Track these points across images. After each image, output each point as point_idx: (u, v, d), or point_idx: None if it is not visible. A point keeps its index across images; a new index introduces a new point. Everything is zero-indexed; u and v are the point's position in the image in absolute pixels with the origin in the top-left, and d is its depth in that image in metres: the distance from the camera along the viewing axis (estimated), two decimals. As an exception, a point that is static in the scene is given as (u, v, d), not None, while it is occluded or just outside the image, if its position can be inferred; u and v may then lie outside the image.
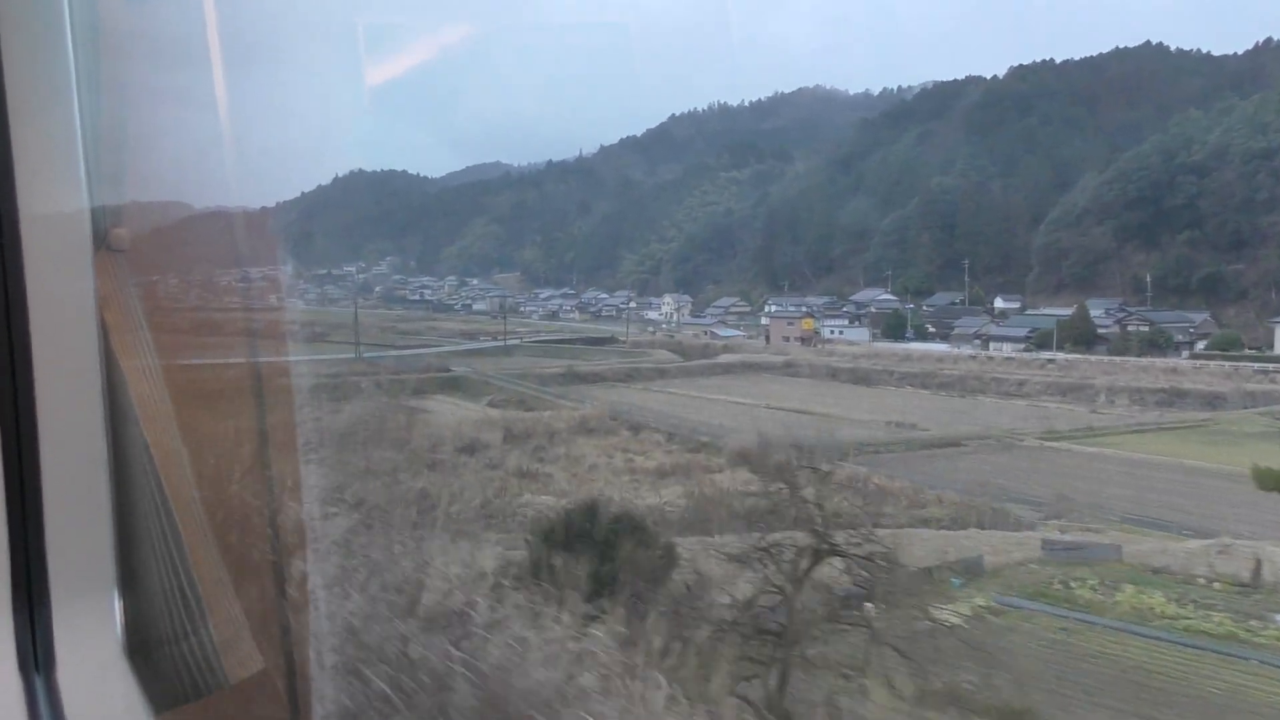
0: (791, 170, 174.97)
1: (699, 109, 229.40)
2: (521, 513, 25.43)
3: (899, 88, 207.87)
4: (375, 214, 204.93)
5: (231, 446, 2.74)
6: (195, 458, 2.05)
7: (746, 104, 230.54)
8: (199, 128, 2.57)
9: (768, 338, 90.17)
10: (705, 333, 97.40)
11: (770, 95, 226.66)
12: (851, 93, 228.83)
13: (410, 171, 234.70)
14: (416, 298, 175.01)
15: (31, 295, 1.61)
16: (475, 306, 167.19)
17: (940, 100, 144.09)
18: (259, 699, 2.30)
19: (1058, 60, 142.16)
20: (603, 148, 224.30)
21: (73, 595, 1.67)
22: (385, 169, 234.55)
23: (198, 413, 2.36)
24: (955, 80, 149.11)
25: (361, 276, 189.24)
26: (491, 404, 51.22)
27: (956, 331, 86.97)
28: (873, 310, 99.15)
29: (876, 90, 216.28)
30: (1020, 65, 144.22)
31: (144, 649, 1.81)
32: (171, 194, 2.66)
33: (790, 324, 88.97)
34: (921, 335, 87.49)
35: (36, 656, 1.63)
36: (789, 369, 68.96)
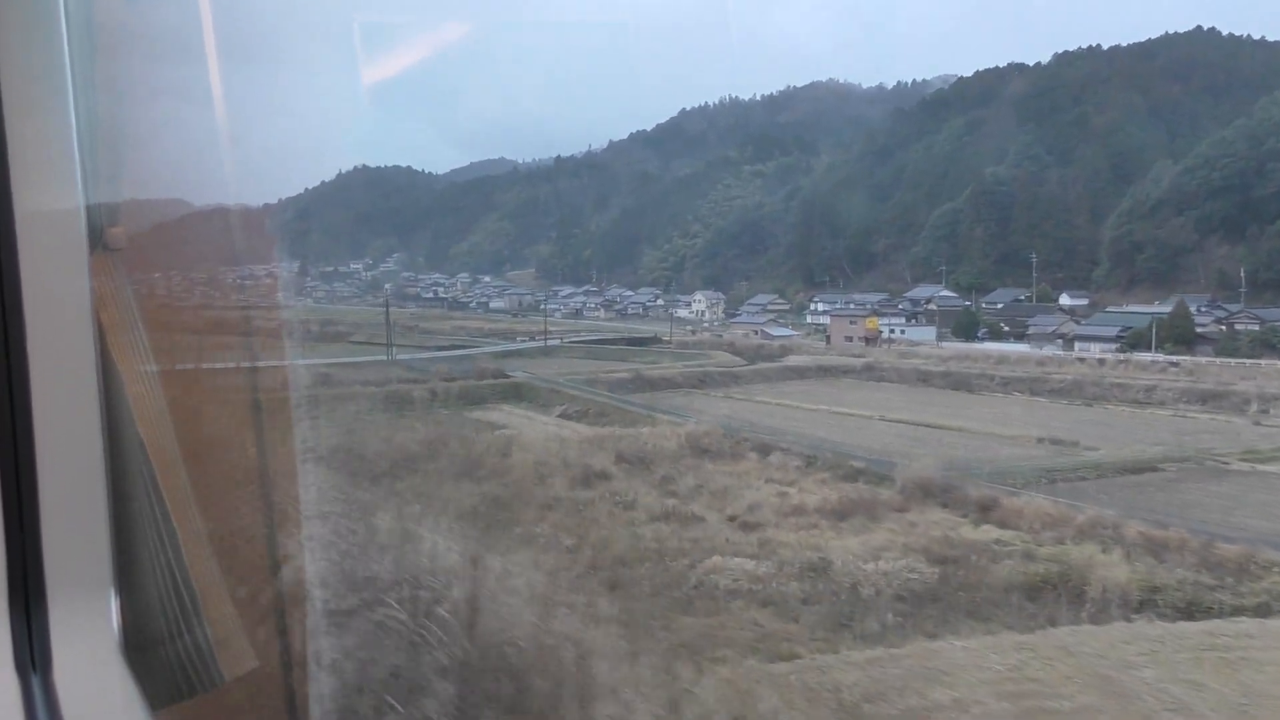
0: (818, 163, 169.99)
1: (709, 103, 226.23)
2: (717, 584, 18.97)
3: (913, 81, 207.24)
4: (380, 210, 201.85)
5: (227, 445, 2.69)
6: (191, 457, 2.03)
7: (758, 98, 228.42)
8: (196, 125, 2.50)
9: (828, 338, 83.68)
10: (756, 332, 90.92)
11: (782, 89, 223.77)
12: (865, 86, 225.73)
13: (415, 168, 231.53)
14: (430, 295, 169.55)
15: (27, 295, 1.62)
16: (493, 305, 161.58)
17: (983, 88, 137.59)
18: (255, 696, 2.28)
19: (1104, 46, 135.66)
20: (612, 143, 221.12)
21: (69, 594, 1.68)
22: (389, 165, 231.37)
23: (194, 412, 2.34)
24: (997, 68, 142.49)
25: (368, 274, 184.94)
26: (567, 415, 44.70)
27: (1032, 330, 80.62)
28: (933, 308, 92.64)
29: (890, 84, 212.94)
30: (1065, 52, 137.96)
31: (140, 647, 1.81)
32: (169, 192, 2.59)
33: (853, 323, 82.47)
34: (996, 334, 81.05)
35: (33, 655, 1.65)
36: (871, 373, 62.50)
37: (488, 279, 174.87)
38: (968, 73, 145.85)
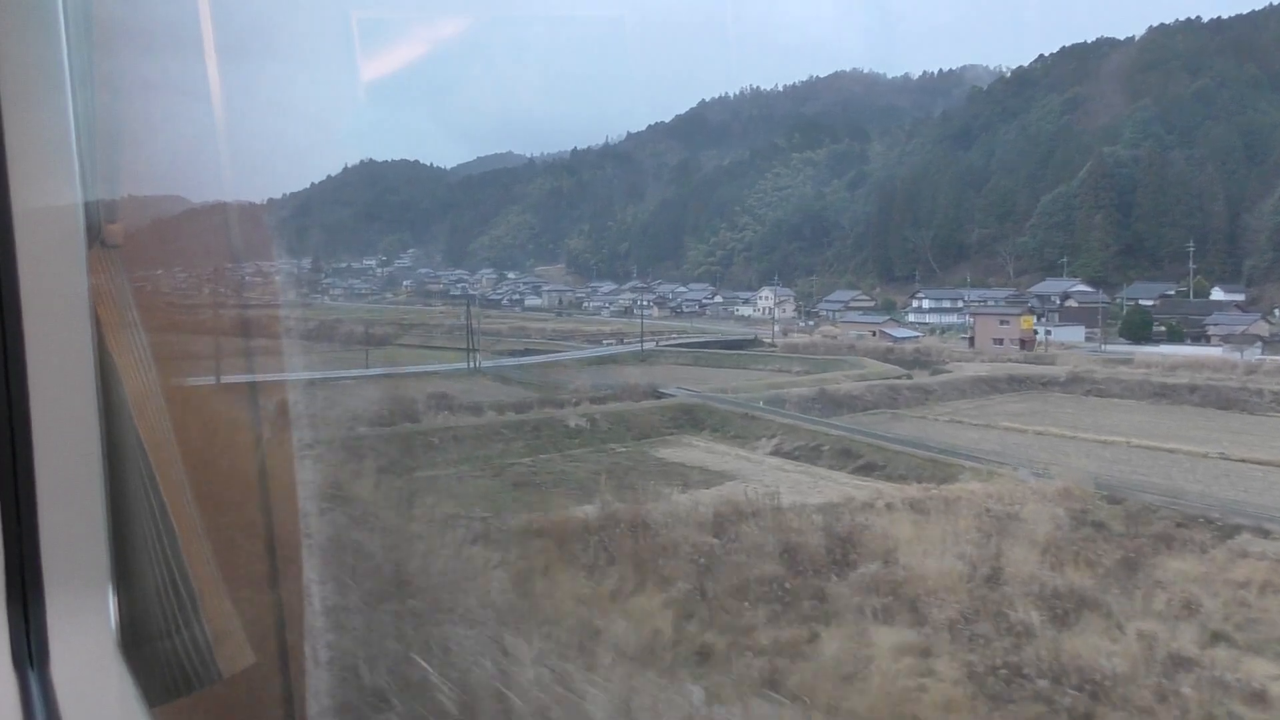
0: (873, 150, 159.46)
1: (730, 94, 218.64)
2: None
3: (939, 71, 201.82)
4: (389, 205, 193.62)
5: (226, 441, 2.67)
6: (189, 453, 2.04)
7: (780, 88, 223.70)
8: (196, 121, 2.50)
9: (971, 340, 71.50)
10: (873, 333, 78.72)
11: (805, 79, 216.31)
12: (890, 76, 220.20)
13: (423, 162, 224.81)
14: (458, 292, 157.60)
15: (25, 291, 1.62)
16: (528, 302, 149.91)
17: (1073, 65, 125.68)
18: (253, 692, 2.28)
19: (1204, 19, 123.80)
20: (630, 134, 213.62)
21: (66, 590, 1.69)
22: (395, 159, 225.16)
23: (192, 408, 2.35)
24: (1084, 43, 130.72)
25: (383, 270, 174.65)
26: (789, 454, 32.54)
27: (1214, 331, 68.68)
28: (1072, 304, 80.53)
29: (916, 74, 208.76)
30: (1161, 25, 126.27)
31: (138, 643, 1.81)
32: (168, 188, 2.59)
33: (1003, 323, 70.22)
34: (1175, 336, 68.95)
35: (30, 651, 1.65)
36: (1083, 386, 50.45)
37: (513, 275, 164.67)
38: (991, 63, 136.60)
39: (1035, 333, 69.52)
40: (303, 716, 2.86)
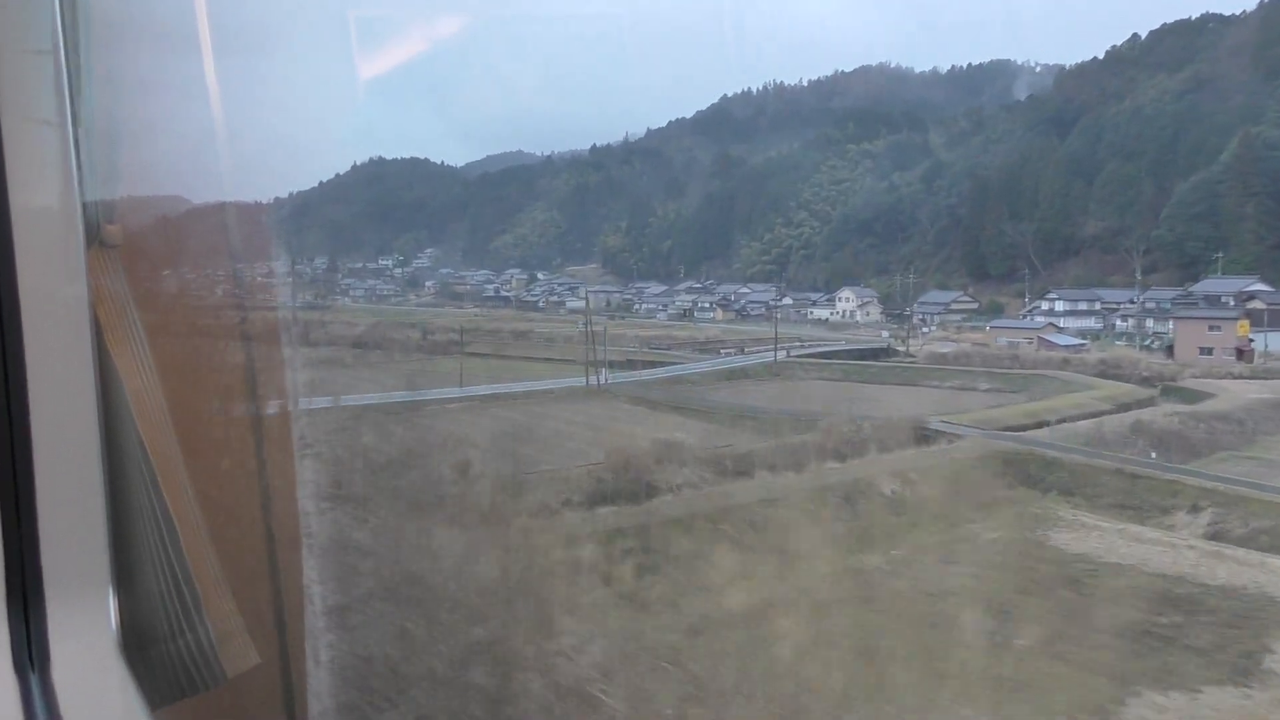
0: (934, 140, 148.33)
1: (753, 89, 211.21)
2: None
3: (969, 65, 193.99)
4: (401, 204, 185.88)
5: (227, 442, 2.67)
6: (189, 453, 2.03)
7: (805, 83, 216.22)
8: (196, 120, 2.47)
9: (1170, 349, 59.37)
10: (1030, 340, 66.71)
11: (830, 74, 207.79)
12: (918, 71, 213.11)
13: (433, 160, 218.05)
14: (491, 293, 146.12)
15: (24, 293, 1.61)
16: (569, 304, 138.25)
17: (1180, 43, 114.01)
18: (255, 694, 2.25)
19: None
20: (650, 130, 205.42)
21: (67, 592, 1.68)
22: (405, 157, 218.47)
23: (194, 409, 2.33)
24: (1188, 20, 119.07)
25: (400, 270, 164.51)
26: (1244, 540, 20.23)
27: None
28: (1258, 306, 68.35)
29: (945, 68, 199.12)
30: (1273, 1, 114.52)
31: (139, 646, 1.80)
32: (168, 188, 2.56)
33: (1213, 329, 58.10)
34: None
35: (31, 654, 1.64)
36: None
37: (543, 275, 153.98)
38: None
39: (1251, 340, 57.46)
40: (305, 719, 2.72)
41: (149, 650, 1.80)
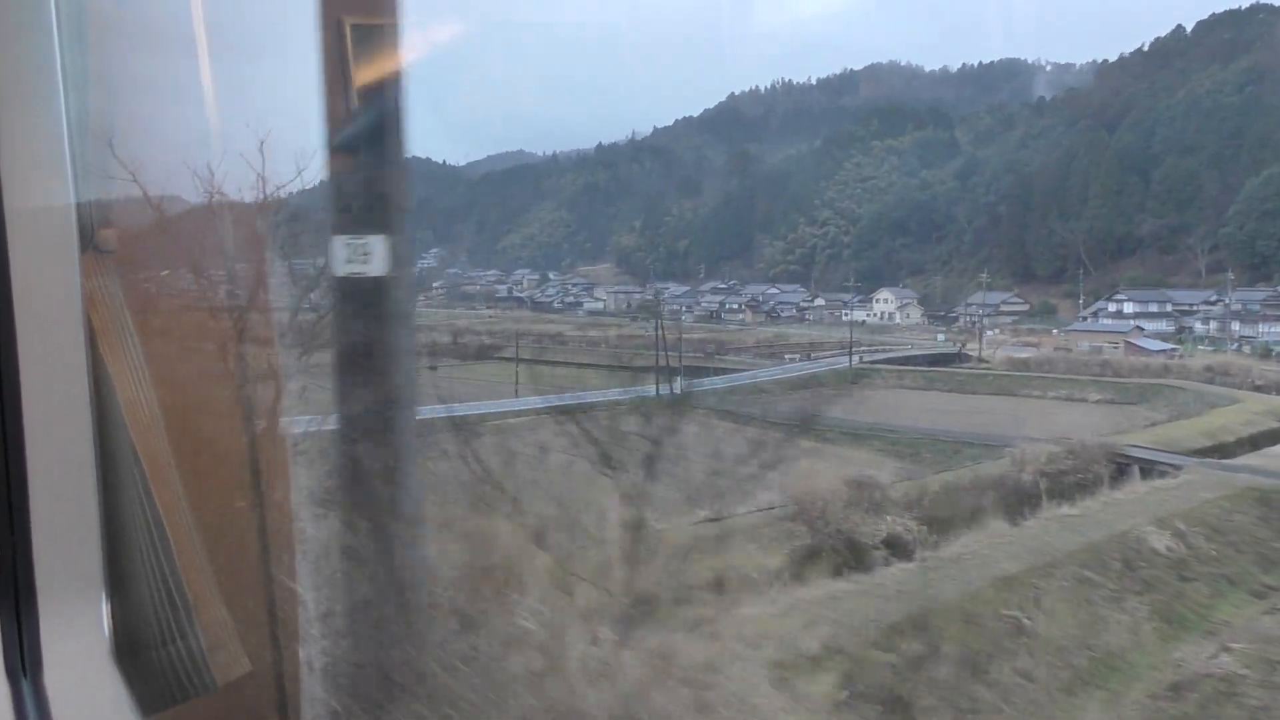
0: (962, 137, 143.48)
1: (760, 87, 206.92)
2: None
3: (979, 63, 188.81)
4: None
5: (220, 447, 2.64)
6: (182, 460, 2.02)
7: (813, 81, 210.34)
8: (193, 122, 2.42)
9: (1267, 353, 53.98)
10: (1118, 345, 61.28)
11: (839, 72, 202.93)
12: (928, 69, 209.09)
13: (434, 160, 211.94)
14: (504, 294, 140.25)
15: (17, 296, 1.61)
16: (587, 306, 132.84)
17: (1229, 34, 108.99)
18: (247, 701, 2.26)
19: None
20: (657, 129, 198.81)
21: (60, 598, 1.67)
22: (407, 157, 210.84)
23: (186, 415, 2.32)
24: (1237, 10, 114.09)
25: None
26: None
27: None
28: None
29: (955, 67, 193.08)
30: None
31: (132, 652, 1.80)
32: (162, 191, 2.53)
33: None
34: None
35: (24, 660, 1.63)
36: None
37: (554, 275, 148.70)
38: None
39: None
40: None
41: (141, 656, 1.78)
